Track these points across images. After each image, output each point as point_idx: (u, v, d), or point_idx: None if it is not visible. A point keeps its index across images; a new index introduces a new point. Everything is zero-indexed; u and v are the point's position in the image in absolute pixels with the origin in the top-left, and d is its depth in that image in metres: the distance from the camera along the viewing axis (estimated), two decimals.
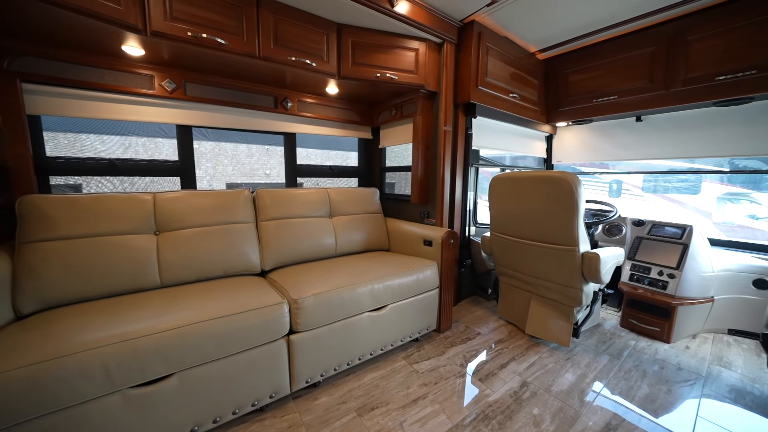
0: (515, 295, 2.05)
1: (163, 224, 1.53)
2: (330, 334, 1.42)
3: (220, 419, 1.18)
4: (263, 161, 11.19)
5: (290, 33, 1.60)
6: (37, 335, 0.99)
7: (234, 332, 1.16)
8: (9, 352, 0.89)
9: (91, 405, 0.93)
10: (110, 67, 1.56)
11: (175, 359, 1.05)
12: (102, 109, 1.60)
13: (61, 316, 1.15)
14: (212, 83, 1.82)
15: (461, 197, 2.23)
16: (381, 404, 1.36)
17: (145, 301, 1.26)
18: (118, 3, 1.19)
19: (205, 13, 1.37)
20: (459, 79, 2.07)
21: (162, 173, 1.85)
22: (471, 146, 2.22)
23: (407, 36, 1.90)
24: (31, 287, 1.21)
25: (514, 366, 1.66)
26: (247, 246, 1.70)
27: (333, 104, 2.31)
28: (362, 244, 2.13)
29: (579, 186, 1.54)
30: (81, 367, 0.91)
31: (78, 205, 1.37)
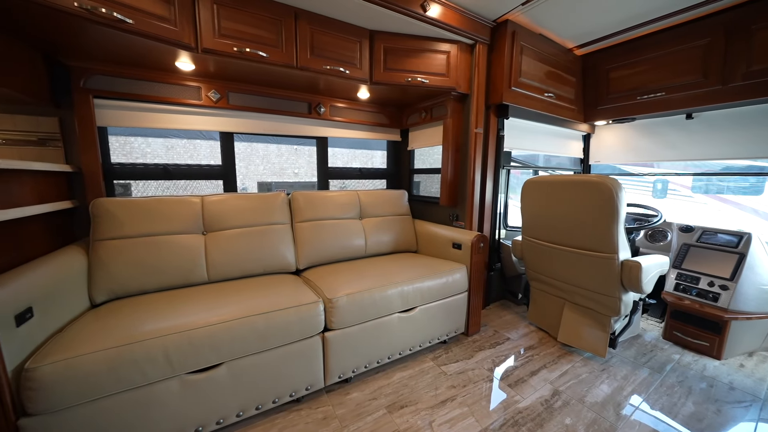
0: (547, 301, 2.00)
1: (210, 225, 1.67)
2: (362, 333, 1.48)
3: (262, 406, 1.28)
4: (292, 161, 11.56)
5: (325, 42, 1.67)
6: (112, 322, 1.13)
7: (275, 327, 1.25)
8: (93, 336, 1.03)
9: (156, 387, 1.06)
10: (164, 81, 1.71)
11: (225, 350, 1.15)
12: (157, 119, 1.76)
13: (127, 306, 1.30)
14: (252, 92, 1.93)
15: (491, 200, 2.20)
16: (410, 403, 1.40)
17: (196, 296, 1.39)
18: (175, 24, 1.31)
19: (248, 29, 1.47)
20: (491, 81, 2.03)
21: (208, 177, 2.00)
22: (502, 148, 2.18)
23: (438, 39, 1.90)
24: (102, 280, 1.38)
25: (545, 374, 1.63)
26: (283, 246, 1.80)
27: (363, 108, 2.37)
28: (391, 245, 2.17)
29: (620, 191, 1.48)
30: (148, 353, 1.03)
31: (139, 208, 1.53)
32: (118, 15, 1.15)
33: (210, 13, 1.37)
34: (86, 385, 0.95)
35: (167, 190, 5.80)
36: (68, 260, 1.30)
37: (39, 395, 0.90)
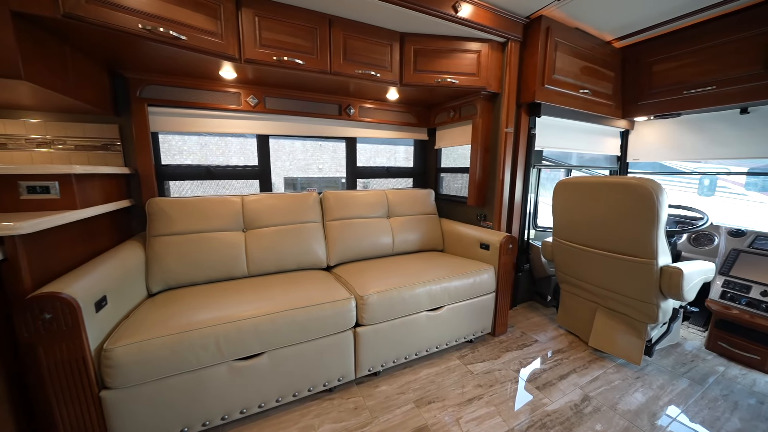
0: (578, 304, 1.96)
1: (250, 223, 1.79)
2: (391, 329, 1.54)
3: (298, 394, 1.37)
4: (317, 156, 11.81)
5: (357, 47, 1.71)
6: (169, 311, 1.26)
7: (312, 321, 1.33)
8: (155, 323, 1.16)
9: (207, 371, 1.18)
10: (208, 88, 1.84)
11: (267, 340, 1.25)
12: (202, 124, 1.90)
13: (179, 296, 1.44)
14: (287, 96, 2.03)
15: (521, 199, 2.17)
16: (437, 399, 1.45)
17: (239, 289, 1.51)
18: (221, 38, 1.41)
19: (286, 38, 1.55)
20: (523, 79, 1.99)
21: (246, 177, 2.13)
22: (534, 147, 2.13)
23: (469, 38, 1.89)
24: (158, 272, 1.53)
25: (574, 378, 1.61)
26: (315, 243, 1.89)
27: (392, 108, 2.40)
28: (417, 244, 2.21)
29: (661, 194, 1.41)
30: (202, 340, 1.15)
31: (188, 207, 1.67)
32: (174, 33, 1.26)
33: (252, 25, 1.46)
34: (152, 366, 1.08)
35: (200, 188, 6.15)
36: (130, 254, 1.45)
37: (115, 372, 1.03)
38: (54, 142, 1.67)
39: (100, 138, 1.74)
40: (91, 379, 1.02)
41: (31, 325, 0.93)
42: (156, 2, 1.23)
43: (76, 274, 1.09)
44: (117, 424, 1.07)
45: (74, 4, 1.07)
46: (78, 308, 0.97)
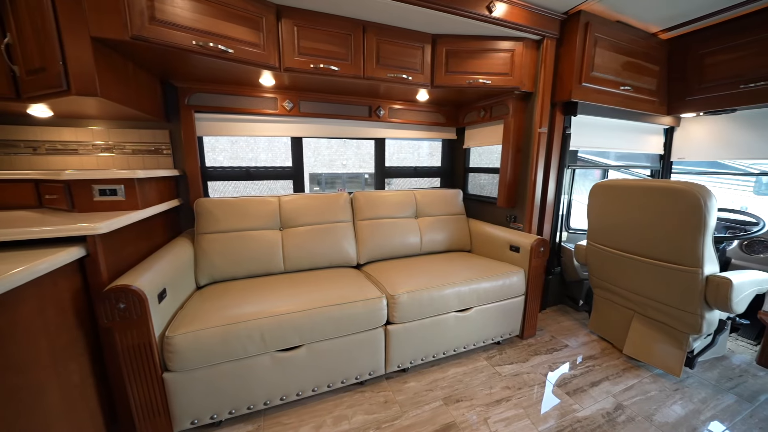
0: (613, 310, 1.90)
1: (286, 222, 1.89)
2: (420, 328, 1.58)
3: (332, 385, 1.46)
4: (341, 152, 11.99)
5: (389, 51, 1.74)
6: (218, 304, 1.38)
7: (346, 317, 1.41)
8: (207, 314, 1.28)
9: (252, 360, 1.28)
10: (248, 94, 1.94)
11: (306, 334, 1.34)
12: (242, 128, 2.02)
13: (224, 289, 1.56)
14: (320, 99, 2.10)
15: (553, 201, 2.11)
16: (465, 398, 1.48)
17: (278, 284, 1.61)
18: (263, 49, 1.49)
19: (322, 46, 1.60)
20: (558, 77, 1.93)
21: (281, 177, 2.24)
22: (568, 147, 2.07)
23: (502, 37, 1.85)
24: (205, 267, 1.66)
25: (607, 386, 1.58)
26: (346, 242, 1.97)
27: (421, 108, 2.41)
28: (445, 244, 2.23)
29: (709, 200, 1.34)
30: (248, 331, 1.25)
31: (230, 207, 1.79)
32: (222, 47, 1.36)
33: (291, 35, 1.53)
34: (205, 353, 1.20)
35: (233, 187, 6.45)
36: (182, 250, 1.59)
37: (175, 357, 1.16)
38: (115, 147, 1.85)
39: (153, 143, 1.90)
40: (156, 362, 1.16)
41: (109, 313, 1.06)
42: (207, 18, 1.33)
43: (141, 269, 1.23)
44: (176, 402, 1.20)
45: (140, 27, 1.18)
46: (145, 299, 1.10)
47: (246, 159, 10.29)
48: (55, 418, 0.96)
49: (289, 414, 1.38)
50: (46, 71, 1.17)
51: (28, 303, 0.89)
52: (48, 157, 1.75)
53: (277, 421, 1.34)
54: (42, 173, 1.39)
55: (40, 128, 1.71)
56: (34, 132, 1.70)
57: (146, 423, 1.19)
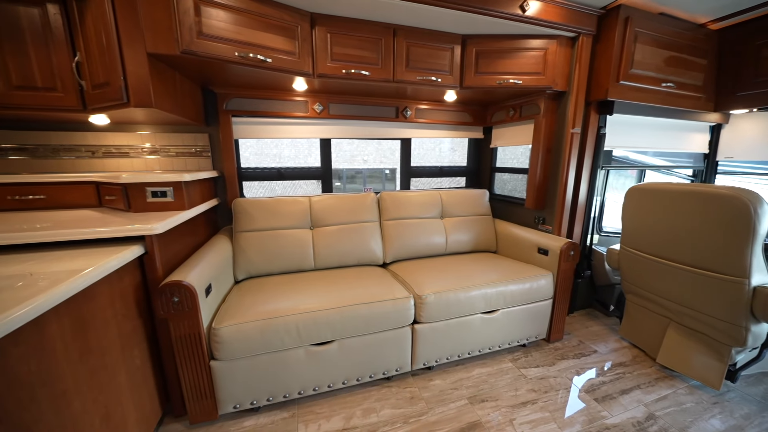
0: (646, 317, 1.84)
1: (316, 222, 1.97)
2: (446, 328, 1.61)
3: (361, 379, 1.53)
4: (362, 148, 12.04)
5: (419, 54, 1.75)
6: (257, 298, 1.48)
7: (375, 316, 1.46)
8: (247, 309, 1.38)
9: (289, 352, 1.37)
10: (281, 98, 2.02)
11: (337, 330, 1.42)
12: (275, 130, 2.11)
13: (261, 284, 1.66)
14: (349, 102, 2.15)
15: (585, 203, 2.05)
16: (490, 398, 1.51)
17: (309, 281, 1.69)
18: (298, 57, 1.56)
19: (354, 51, 1.64)
20: (594, 75, 1.86)
21: (310, 177, 2.33)
22: (603, 147, 1.99)
23: (535, 36, 1.81)
24: (243, 263, 1.78)
25: (638, 394, 1.54)
26: (373, 241, 2.02)
27: (448, 108, 2.40)
28: (470, 244, 2.23)
29: (760, 206, 1.26)
30: (285, 326, 1.34)
31: (265, 207, 1.89)
32: (261, 57, 1.43)
33: (324, 42, 1.58)
34: (247, 345, 1.30)
35: (263, 186, 6.73)
36: (222, 248, 1.71)
37: (221, 346, 1.27)
38: (160, 150, 1.99)
39: (194, 145, 2.03)
40: (204, 350, 1.27)
41: (165, 306, 1.18)
42: (247, 30, 1.41)
43: (189, 265, 1.34)
44: (221, 387, 1.32)
45: (189, 42, 1.27)
46: (196, 294, 1.21)
47: (270, 155, 10.62)
48: (125, 395, 1.08)
49: (321, 404, 1.47)
50: (110, 85, 1.29)
51: (103, 295, 1.01)
52: (104, 160, 1.92)
53: (310, 410, 1.44)
54: (102, 176, 1.53)
55: (97, 134, 1.87)
56: (93, 137, 1.87)
57: (195, 404, 1.31)
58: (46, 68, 1.36)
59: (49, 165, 1.84)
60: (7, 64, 1.31)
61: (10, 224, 1.22)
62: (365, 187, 12.19)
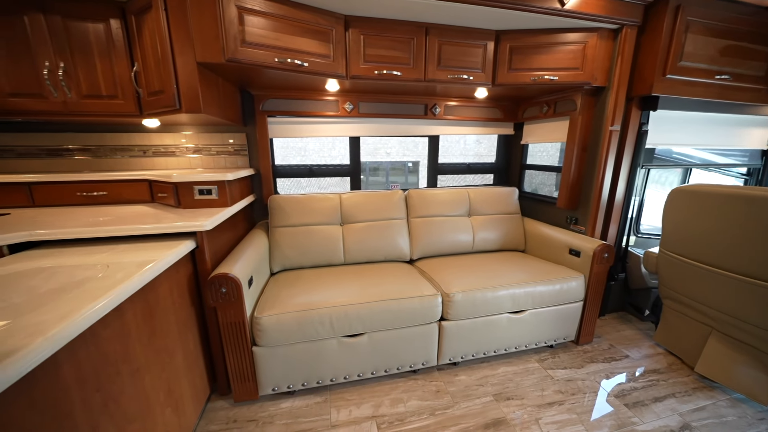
0: (685, 324, 1.76)
1: (346, 218, 2.04)
2: (472, 326, 1.64)
3: (388, 370, 1.60)
4: (384, 141, 12.05)
5: (451, 52, 1.74)
6: (293, 291, 1.58)
7: (403, 311, 1.52)
8: (285, 300, 1.48)
9: (323, 342, 1.47)
10: (313, 98, 2.09)
11: (368, 323, 1.49)
12: (307, 129, 2.19)
13: (295, 277, 1.77)
14: (378, 100, 2.18)
15: (622, 203, 1.97)
16: (516, 397, 1.53)
17: (340, 275, 1.77)
18: (332, 59, 1.60)
19: (386, 52, 1.66)
20: (637, 69, 1.76)
21: (340, 175, 2.40)
22: (644, 145, 1.89)
23: (574, 29, 1.73)
24: (278, 257, 1.89)
25: (672, 403, 1.50)
26: (400, 238, 2.07)
27: (478, 104, 2.36)
28: (498, 243, 2.22)
29: None
30: (319, 317, 1.43)
31: (299, 203, 1.99)
32: (298, 61, 1.49)
33: (358, 44, 1.61)
34: (285, 333, 1.40)
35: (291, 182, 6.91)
36: (260, 242, 1.82)
37: (262, 334, 1.38)
38: (202, 149, 2.13)
39: (233, 145, 2.15)
40: (247, 337, 1.39)
41: (214, 296, 1.30)
42: (286, 36, 1.47)
43: (233, 259, 1.45)
44: (262, 371, 1.43)
45: (233, 50, 1.35)
46: (241, 285, 1.32)
47: (296, 148, 10.90)
48: (182, 374, 1.22)
49: (351, 391, 1.56)
50: (164, 93, 1.40)
51: (164, 286, 1.13)
52: (154, 158, 2.09)
53: (341, 396, 1.53)
54: (155, 175, 1.68)
55: (148, 135, 2.04)
56: (144, 138, 2.04)
57: (239, 385, 1.44)
58: (109, 78, 1.50)
59: (107, 163, 2.03)
60: (78, 75, 1.47)
61: (81, 219, 1.38)
62: (387, 179, 12.19)
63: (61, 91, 1.47)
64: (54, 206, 1.72)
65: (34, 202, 1.73)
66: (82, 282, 0.87)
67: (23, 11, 1.35)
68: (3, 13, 1.34)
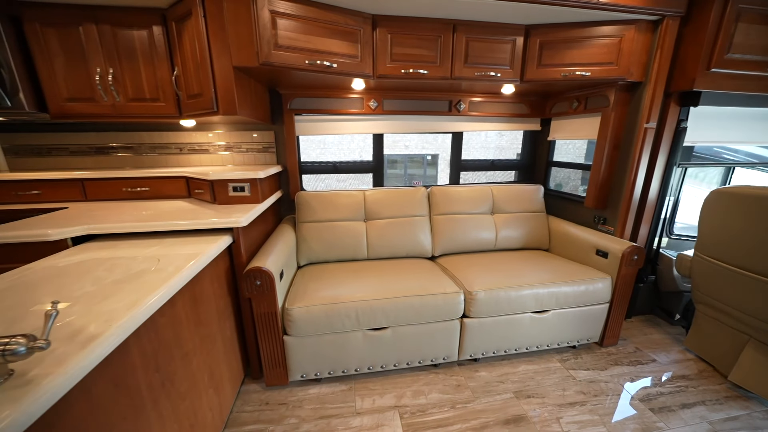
0: (719, 331, 1.69)
1: (369, 215, 2.09)
2: (494, 324, 1.66)
3: (410, 363, 1.66)
4: (403, 134, 11.95)
5: (478, 49, 1.72)
6: (320, 285, 1.65)
7: (426, 307, 1.56)
8: (313, 293, 1.56)
9: (349, 334, 1.54)
10: (338, 96, 2.13)
11: (392, 318, 1.54)
12: (332, 127, 2.23)
13: (321, 271, 1.84)
14: (402, 97, 2.18)
15: (655, 204, 1.90)
16: (536, 395, 1.55)
17: (364, 270, 1.83)
18: (360, 59, 1.63)
19: (413, 50, 1.67)
20: (678, 63, 1.67)
21: (363, 171, 2.44)
22: (682, 143, 1.80)
23: (610, 22, 1.66)
24: (305, 251, 1.97)
25: (702, 411, 1.47)
26: (422, 235, 2.10)
27: (504, 100, 2.32)
28: (521, 242, 2.20)
29: None
30: (346, 311, 1.50)
31: (324, 199, 2.05)
32: (327, 63, 1.52)
33: (385, 43, 1.63)
34: (314, 325, 1.48)
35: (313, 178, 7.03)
36: (288, 237, 1.91)
37: (293, 324, 1.46)
38: (233, 147, 2.23)
39: (261, 142, 2.24)
40: (279, 327, 1.48)
41: (249, 288, 1.39)
42: (316, 38, 1.50)
43: (265, 253, 1.54)
44: (292, 359, 1.53)
45: (267, 54, 1.41)
46: (273, 278, 1.40)
47: (316, 141, 11.04)
48: (221, 358, 1.33)
49: (374, 382, 1.63)
50: (202, 96, 1.49)
51: (206, 278, 1.23)
52: (189, 156, 2.21)
53: (365, 386, 1.61)
54: (192, 172, 1.79)
55: (183, 133, 2.16)
56: (180, 136, 2.16)
57: (271, 371, 1.54)
58: (152, 82, 1.60)
59: (146, 160, 2.18)
60: (125, 80, 1.57)
61: (129, 213, 1.51)
62: (406, 172, 12.14)
63: (111, 95, 1.59)
64: (103, 200, 1.88)
65: (86, 196, 1.89)
66: (139, 274, 0.97)
67: (79, 23, 1.46)
68: (63, 25, 1.46)
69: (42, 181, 1.80)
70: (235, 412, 1.46)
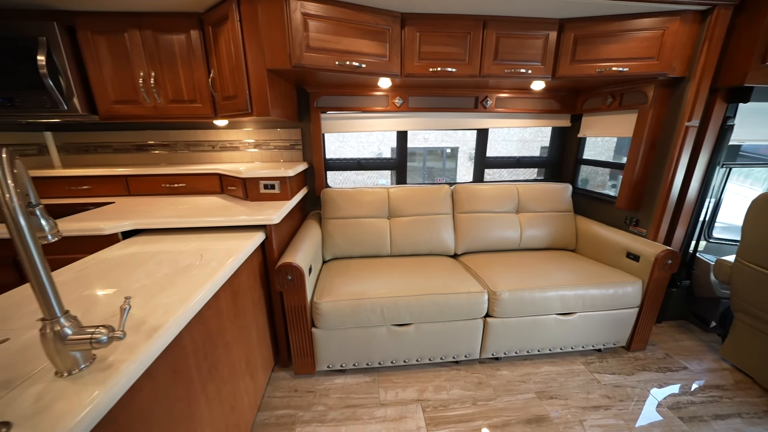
0: (759, 341, 1.61)
1: (393, 212, 2.12)
2: (518, 325, 1.66)
3: (432, 359, 1.70)
4: None
5: (509, 45, 1.67)
6: (346, 280, 1.70)
7: (449, 306, 1.58)
8: (339, 288, 1.62)
9: (374, 329, 1.59)
10: (364, 94, 2.14)
11: (415, 315, 1.58)
12: (357, 124, 2.26)
13: (346, 266, 1.90)
14: (427, 94, 2.17)
15: (693, 206, 1.81)
16: (559, 397, 1.55)
17: (388, 266, 1.87)
18: (387, 59, 1.63)
19: (441, 48, 1.65)
20: (728, 56, 1.56)
21: (387, 168, 2.46)
22: (727, 142, 1.70)
23: (652, 14, 1.57)
24: (330, 247, 2.03)
25: (737, 423, 1.42)
26: (445, 233, 2.11)
27: (532, 96, 2.25)
28: (546, 241, 2.16)
29: None
30: (371, 306, 1.55)
31: (349, 196, 2.10)
32: (356, 63, 1.54)
33: (413, 42, 1.62)
34: (341, 318, 1.54)
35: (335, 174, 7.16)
36: (315, 233, 1.97)
37: (321, 317, 1.53)
38: (262, 144, 2.30)
39: (289, 140, 2.30)
40: (308, 320, 1.55)
41: (281, 282, 1.46)
42: (345, 39, 1.52)
43: (294, 249, 1.60)
44: (319, 350, 1.60)
45: (299, 56, 1.44)
46: (303, 273, 1.47)
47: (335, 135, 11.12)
48: (255, 347, 1.42)
49: (397, 375, 1.68)
50: (237, 98, 1.55)
51: (244, 271, 1.31)
52: (221, 153, 2.31)
53: (388, 378, 1.66)
54: (225, 169, 1.88)
55: (215, 131, 2.25)
56: (213, 134, 2.25)
57: (300, 361, 1.63)
58: (189, 84, 1.68)
59: (181, 158, 2.29)
60: (166, 82, 1.66)
61: (169, 208, 1.61)
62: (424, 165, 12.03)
63: (152, 97, 1.68)
64: (144, 195, 2.01)
65: (129, 191, 2.03)
66: (186, 269, 1.05)
67: (125, 29, 1.55)
68: (111, 32, 1.55)
69: (92, 177, 1.95)
70: (267, 397, 1.56)
